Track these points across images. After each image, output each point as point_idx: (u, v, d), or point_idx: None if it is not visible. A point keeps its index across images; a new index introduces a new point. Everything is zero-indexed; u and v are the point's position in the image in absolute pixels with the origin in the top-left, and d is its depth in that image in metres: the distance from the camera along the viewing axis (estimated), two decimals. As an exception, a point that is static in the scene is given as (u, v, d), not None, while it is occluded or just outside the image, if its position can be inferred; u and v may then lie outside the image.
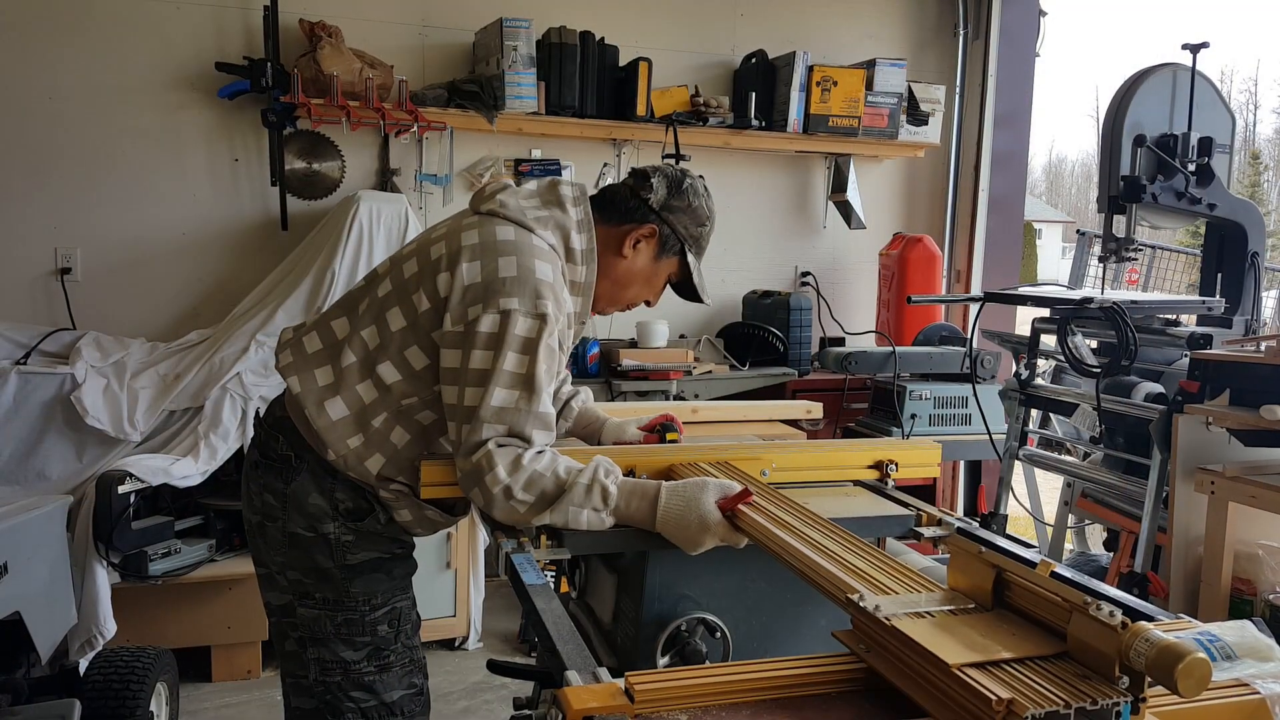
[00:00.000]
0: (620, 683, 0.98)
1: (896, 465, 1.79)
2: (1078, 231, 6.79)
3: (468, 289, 1.55)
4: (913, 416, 3.35)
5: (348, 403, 1.63)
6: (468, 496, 1.56)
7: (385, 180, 3.89)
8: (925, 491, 3.39)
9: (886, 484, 1.78)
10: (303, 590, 1.67)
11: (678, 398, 3.68)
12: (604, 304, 1.80)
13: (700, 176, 1.78)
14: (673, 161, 3.86)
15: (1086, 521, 3.33)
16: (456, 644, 3.52)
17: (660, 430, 1.97)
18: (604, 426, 2.01)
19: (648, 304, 1.83)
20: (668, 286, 1.83)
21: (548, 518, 1.49)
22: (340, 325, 1.68)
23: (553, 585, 1.51)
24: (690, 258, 1.76)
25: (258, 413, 1.78)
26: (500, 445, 1.51)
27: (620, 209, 1.73)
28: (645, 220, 1.72)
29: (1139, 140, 2.77)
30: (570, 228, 1.67)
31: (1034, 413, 3.15)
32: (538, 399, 1.54)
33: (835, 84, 4.21)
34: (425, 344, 1.60)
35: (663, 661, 1.47)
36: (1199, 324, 2.95)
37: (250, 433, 2.31)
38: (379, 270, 1.71)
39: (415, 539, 1.79)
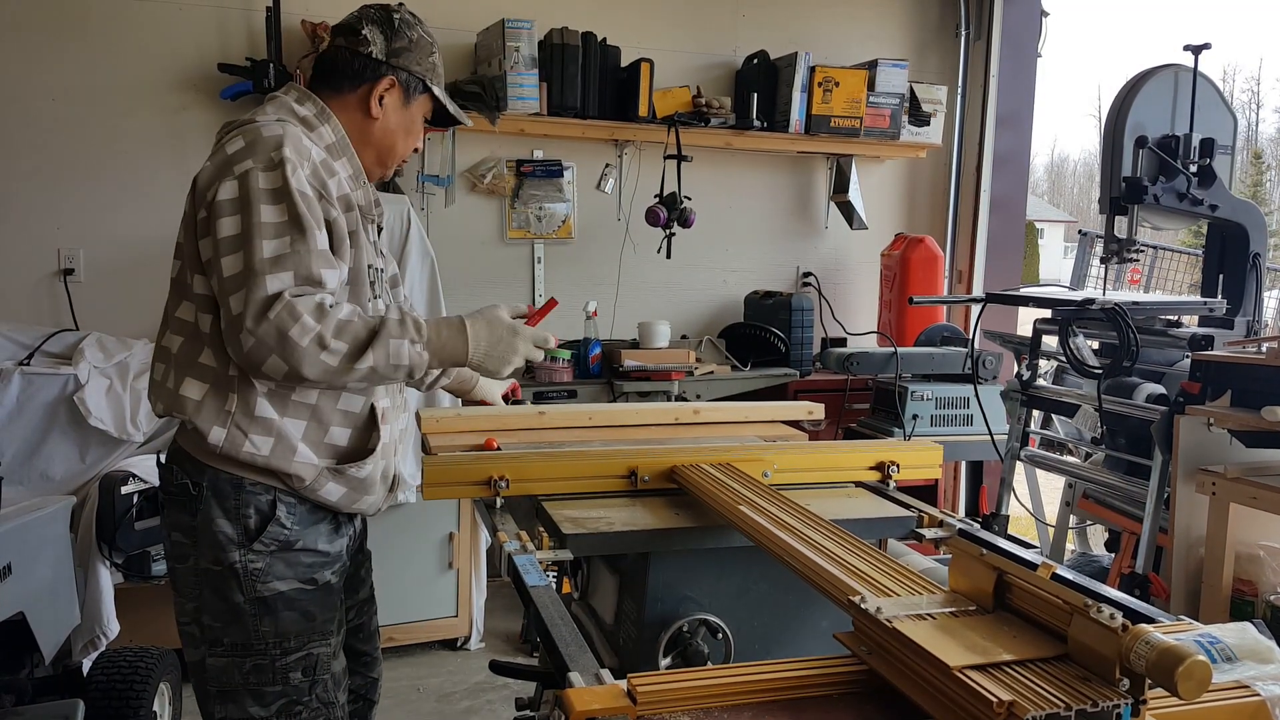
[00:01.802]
0: (623, 684, 0.99)
1: (898, 466, 1.79)
2: (1080, 232, 6.79)
3: (200, 181, 1.51)
4: (914, 417, 3.35)
5: (199, 377, 1.53)
6: (263, 369, 1.41)
7: (388, 181, 3.88)
8: (927, 492, 3.39)
9: (888, 485, 1.79)
10: (213, 637, 1.56)
11: (679, 398, 3.68)
12: (380, 168, 1.74)
13: (400, 4, 1.70)
14: (673, 162, 3.86)
15: (1088, 522, 3.33)
16: (459, 644, 3.51)
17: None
18: (477, 383, 2.10)
19: (416, 150, 1.78)
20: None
21: (370, 359, 1.42)
22: (168, 339, 1.59)
23: (555, 586, 1.51)
24: (436, 90, 1.70)
25: (158, 458, 1.69)
26: (297, 295, 1.40)
27: (348, 73, 1.65)
28: (379, 75, 1.65)
29: (1141, 141, 2.77)
30: (290, 104, 1.62)
31: (1035, 413, 3.15)
32: (311, 237, 1.45)
33: (837, 84, 4.21)
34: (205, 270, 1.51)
35: (664, 663, 1.47)
36: (1200, 325, 2.95)
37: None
38: (173, 274, 1.63)
39: (352, 541, 1.73)
